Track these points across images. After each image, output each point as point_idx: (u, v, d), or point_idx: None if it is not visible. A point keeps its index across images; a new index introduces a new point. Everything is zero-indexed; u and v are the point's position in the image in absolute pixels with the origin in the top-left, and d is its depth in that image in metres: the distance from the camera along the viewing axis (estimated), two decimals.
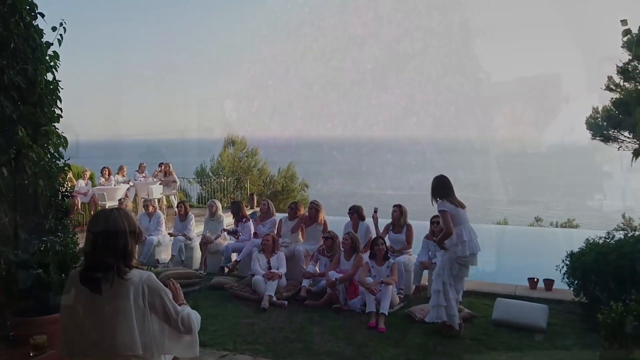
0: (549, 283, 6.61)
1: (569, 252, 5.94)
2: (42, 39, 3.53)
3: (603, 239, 5.82)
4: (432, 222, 6.80)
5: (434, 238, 6.31)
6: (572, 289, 5.88)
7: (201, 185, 18.57)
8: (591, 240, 5.88)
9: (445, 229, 5.04)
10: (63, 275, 3.22)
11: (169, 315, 2.31)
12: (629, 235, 5.85)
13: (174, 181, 13.16)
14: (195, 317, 2.51)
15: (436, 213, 5.91)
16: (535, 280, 6.73)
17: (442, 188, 5.21)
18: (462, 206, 5.20)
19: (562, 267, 5.92)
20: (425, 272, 6.79)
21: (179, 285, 2.73)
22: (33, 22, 3.47)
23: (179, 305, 2.52)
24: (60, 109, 3.69)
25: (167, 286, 2.62)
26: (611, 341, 2.18)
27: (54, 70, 3.64)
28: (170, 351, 2.44)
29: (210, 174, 22.13)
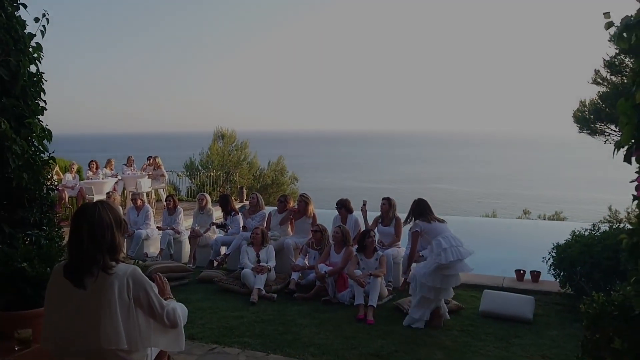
0: (535, 275, 6.69)
1: (555, 244, 6.01)
2: (25, 31, 3.47)
3: (588, 231, 5.89)
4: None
5: None
6: (558, 280, 5.95)
7: (190, 179, 18.50)
8: (577, 232, 5.94)
9: (410, 250, 5.53)
10: (48, 269, 3.19)
11: (154, 310, 2.30)
12: (614, 227, 5.92)
13: (162, 175, 13.09)
14: (181, 310, 2.50)
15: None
16: (522, 272, 6.80)
17: (419, 209, 5.50)
18: (441, 221, 5.45)
19: (549, 259, 5.99)
20: (414, 265, 6.84)
21: (165, 279, 2.72)
22: (15, 13, 3.41)
23: (165, 299, 2.52)
24: (45, 101, 3.64)
25: (153, 280, 2.61)
26: (592, 330, 2.22)
27: (37, 62, 3.58)
28: (156, 345, 2.44)
29: (200, 167, 22.06)
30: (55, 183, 4.23)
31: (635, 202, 1.95)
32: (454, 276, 5.23)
